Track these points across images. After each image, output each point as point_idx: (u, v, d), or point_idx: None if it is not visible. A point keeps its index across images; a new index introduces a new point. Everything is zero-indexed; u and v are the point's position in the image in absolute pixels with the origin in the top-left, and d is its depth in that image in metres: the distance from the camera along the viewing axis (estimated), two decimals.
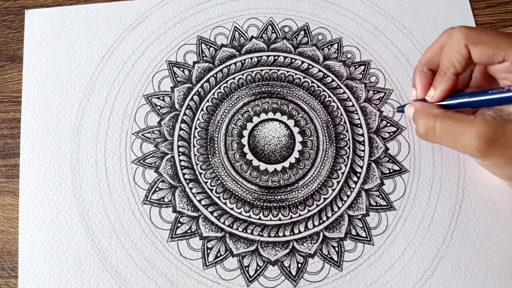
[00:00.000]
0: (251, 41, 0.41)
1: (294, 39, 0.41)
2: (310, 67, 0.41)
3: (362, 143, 0.38)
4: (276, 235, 0.36)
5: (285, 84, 0.40)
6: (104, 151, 0.38)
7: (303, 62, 0.41)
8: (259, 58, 0.41)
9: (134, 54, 0.41)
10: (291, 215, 0.37)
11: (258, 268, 0.35)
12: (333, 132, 0.39)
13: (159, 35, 0.41)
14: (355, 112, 0.39)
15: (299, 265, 0.35)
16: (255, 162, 0.38)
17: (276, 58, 0.41)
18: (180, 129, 0.39)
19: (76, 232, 0.36)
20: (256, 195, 0.37)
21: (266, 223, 0.36)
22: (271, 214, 0.37)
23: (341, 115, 0.39)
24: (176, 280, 0.35)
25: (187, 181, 0.37)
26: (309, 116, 0.39)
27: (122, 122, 0.39)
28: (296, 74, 0.40)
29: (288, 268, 0.35)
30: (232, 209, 0.37)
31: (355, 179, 0.38)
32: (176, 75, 0.40)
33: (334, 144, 0.39)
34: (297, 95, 0.40)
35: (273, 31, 0.42)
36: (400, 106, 0.38)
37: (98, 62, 0.40)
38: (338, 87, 0.40)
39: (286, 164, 0.38)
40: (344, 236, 0.36)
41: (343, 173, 0.38)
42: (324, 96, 0.40)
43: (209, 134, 0.39)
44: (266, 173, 0.38)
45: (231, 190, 0.37)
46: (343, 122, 0.39)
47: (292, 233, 0.36)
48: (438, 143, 0.32)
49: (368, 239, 0.36)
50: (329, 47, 0.41)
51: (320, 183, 0.37)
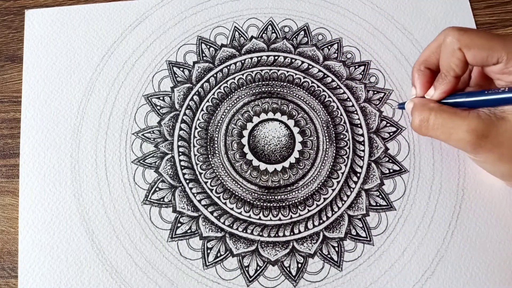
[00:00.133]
0: (251, 41, 0.41)
1: (294, 39, 0.41)
2: (310, 67, 0.41)
3: (362, 143, 0.39)
4: (276, 235, 0.36)
5: (285, 84, 0.40)
6: (104, 151, 0.38)
7: (303, 62, 0.41)
8: (259, 58, 0.41)
9: (134, 54, 0.41)
10: (291, 215, 0.37)
11: (258, 268, 0.35)
12: (333, 132, 0.39)
13: (159, 35, 0.41)
14: (355, 112, 0.39)
15: (299, 265, 0.35)
16: (255, 162, 0.38)
17: (276, 58, 0.41)
18: (180, 129, 0.39)
19: (76, 232, 0.36)
20: (256, 195, 0.37)
21: (266, 223, 0.36)
22: (271, 214, 0.37)
23: (341, 115, 0.39)
24: (176, 280, 0.35)
25: (187, 181, 0.37)
26: (309, 116, 0.39)
27: (122, 122, 0.39)
28: (296, 74, 0.40)
29: (288, 268, 0.35)
30: (232, 209, 0.37)
31: (355, 179, 0.38)
32: (176, 75, 0.40)
33: (334, 144, 0.39)
34: (297, 95, 0.40)
35: (273, 31, 0.42)
36: (400, 103, 0.38)
37: (98, 62, 0.40)
38: (338, 87, 0.40)
39: (286, 164, 0.38)
40: (344, 236, 0.36)
41: (343, 173, 0.38)
42: (324, 96, 0.40)
43: (209, 134, 0.39)
44: (266, 173, 0.38)
45: (231, 190, 0.37)
46: (343, 122, 0.39)
47: (292, 233, 0.36)
48: (432, 136, 0.32)
49: (368, 239, 0.36)
50: (329, 47, 0.41)
51: (320, 183, 0.37)
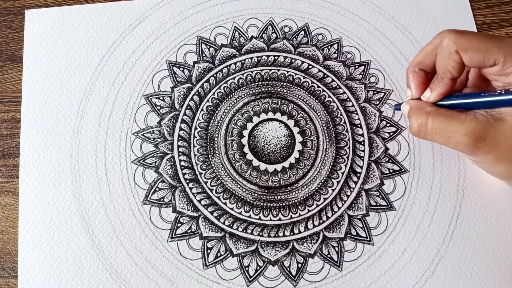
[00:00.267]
0: (251, 41, 0.41)
1: (294, 39, 0.42)
2: (310, 67, 0.41)
3: (362, 143, 0.39)
4: (276, 235, 0.36)
5: (285, 84, 0.40)
6: (104, 151, 0.38)
7: (303, 62, 0.41)
8: (259, 58, 0.41)
9: (134, 54, 0.41)
10: (291, 215, 0.37)
11: (258, 268, 0.35)
12: (333, 132, 0.39)
13: (159, 35, 0.41)
14: (355, 112, 0.39)
15: (299, 265, 0.35)
16: (255, 162, 0.38)
17: (276, 58, 0.41)
18: (180, 129, 0.39)
19: (76, 232, 0.36)
20: (256, 195, 0.37)
21: (266, 223, 0.36)
22: (271, 214, 0.37)
23: (341, 115, 0.39)
24: (176, 280, 0.35)
25: (187, 181, 0.37)
26: (309, 116, 0.39)
27: (122, 122, 0.39)
28: (296, 74, 0.40)
29: (288, 268, 0.35)
30: (232, 209, 0.37)
31: (355, 179, 0.38)
32: (176, 75, 0.40)
33: (334, 144, 0.39)
34: (297, 95, 0.40)
35: (273, 31, 0.42)
36: (397, 104, 0.38)
37: (98, 62, 0.40)
38: (338, 87, 0.40)
39: (286, 164, 0.38)
40: (344, 236, 0.36)
41: (343, 173, 0.38)
42: (324, 96, 0.40)
43: (209, 134, 0.39)
44: (266, 173, 0.38)
45: (231, 190, 0.37)
46: (343, 122, 0.39)
47: (292, 233, 0.36)
48: (431, 140, 0.32)
49: (368, 239, 0.36)
50: (329, 47, 0.41)
51: (320, 183, 0.37)
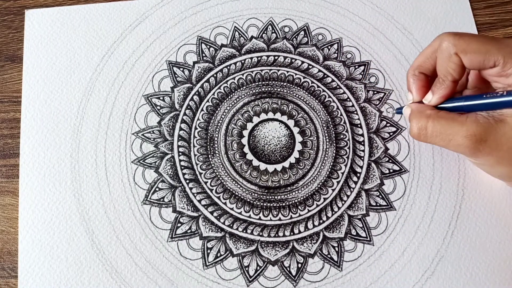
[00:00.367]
0: (251, 41, 0.41)
1: (294, 39, 0.42)
2: (310, 67, 0.41)
3: (362, 143, 0.39)
4: (276, 235, 0.36)
5: (285, 84, 0.40)
6: (104, 151, 0.38)
7: (303, 62, 0.41)
8: (259, 58, 0.41)
9: (134, 54, 0.41)
10: (291, 215, 0.37)
11: (258, 268, 0.35)
12: (333, 132, 0.39)
13: (159, 35, 0.41)
14: (355, 112, 0.39)
15: (299, 265, 0.35)
16: (255, 162, 0.38)
17: (276, 58, 0.41)
18: (180, 129, 0.39)
19: (76, 232, 0.36)
20: (256, 195, 0.37)
21: (266, 223, 0.36)
22: (271, 214, 0.37)
23: (341, 115, 0.39)
24: (176, 280, 0.35)
25: (187, 181, 0.37)
26: (309, 116, 0.39)
27: (122, 122, 0.39)
28: (296, 74, 0.40)
29: (288, 268, 0.35)
30: (232, 209, 0.37)
31: (355, 179, 0.38)
32: (176, 75, 0.40)
33: (334, 144, 0.39)
34: (297, 95, 0.40)
35: (273, 31, 0.42)
36: (398, 108, 0.38)
37: (98, 62, 0.40)
38: (338, 87, 0.40)
39: (286, 164, 0.38)
40: (344, 236, 0.36)
41: (343, 173, 0.38)
42: (324, 96, 0.40)
43: (209, 134, 0.39)
44: (266, 173, 0.38)
45: (231, 190, 0.37)
46: (343, 122, 0.39)
47: (292, 233, 0.36)
48: (431, 143, 0.32)
49: (368, 239, 0.36)
50: (329, 47, 0.41)
51: (320, 183, 0.37)
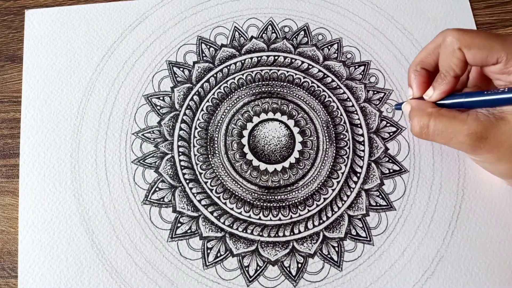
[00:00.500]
0: (251, 41, 0.41)
1: (294, 39, 0.42)
2: (310, 67, 0.41)
3: (362, 143, 0.39)
4: (276, 235, 0.36)
5: (285, 84, 0.40)
6: (104, 151, 0.38)
7: (303, 62, 0.41)
8: (259, 58, 0.41)
9: (134, 54, 0.41)
10: (291, 215, 0.37)
11: (258, 268, 0.35)
12: (333, 132, 0.39)
13: (159, 35, 0.41)
14: (355, 112, 0.39)
15: (299, 265, 0.35)
16: (255, 162, 0.38)
17: (276, 58, 0.41)
18: (180, 129, 0.39)
19: (76, 232, 0.36)
20: (256, 195, 0.37)
21: (266, 223, 0.36)
22: (271, 214, 0.37)
23: (341, 115, 0.39)
24: (176, 280, 0.35)
25: (187, 181, 0.37)
26: (309, 116, 0.39)
27: (122, 122, 0.39)
28: (296, 74, 0.40)
29: (288, 268, 0.35)
30: (232, 209, 0.37)
31: (355, 179, 0.38)
32: (176, 75, 0.40)
33: (334, 144, 0.39)
34: (297, 95, 0.40)
35: (273, 31, 0.42)
36: (397, 104, 0.38)
37: (98, 62, 0.40)
38: (338, 87, 0.40)
39: (286, 164, 0.38)
40: (344, 236, 0.36)
41: (343, 173, 0.38)
42: (324, 96, 0.40)
43: (209, 134, 0.39)
44: (266, 173, 0.38)
45: (231, 190, 0.37)
46: (343, 122, 0.39)
47: (292, 233, 0.36)
48: (433, 140, 0.32)
49: (368, 239, 0.36)
50: (329, 47, 0.41)
51: (320, 183, 0.37)
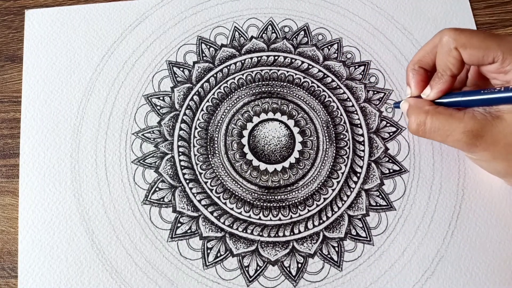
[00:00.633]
0: (251, 41, 0.41)
1: (294, 39, 0.42)
2: (310, 67, 0.41)
3: (362, 143, 0.39)
4: (276, 235, 0.36)
5: (285, 84, 0.40)
6: (104, 151, 0.38)
7: (303, 62, 0.41)
8: (259, 58, 0.41)
9: (134, 54, 0.41)
10: (291, 215, 0.37)
11: (258, 268, 0.35)
12: (333, 132, 0.39)
13: (159, 35, 0.41)
14: (355, 112, 0.39)
15: (299, 265, 0.35)
16: (255, 162, 0.38)
17: (276, 58, 0.41)
18: (180, 129, 0.39)
19: (76, 232, 0.36)
20: (256, 195, 0.37)
21: (266, 223, 0.36)
22: (271, 214, 0.37)
23: (341, 115, 0.39)
24: (176, 280, 0.35)
25: (187, 181, 0.37)
26: (309, 116, 0.39)
27: (122, 122, 0.39)
28: (296, 74, 0.40)
29: (288, 268, 0.35)
30: (232, 209, 0.37)
31: (355, 179, 0.38)
32: (176, 75, 0.40)
33: (334, 144, 0.39)
34: (297, 95, 0.40)
35: (273, 31, 0.42)
36: (396, 102, 0.38)
37: (98, 62, 0.40)
38: (338, 87, 0.40)
39: (286, 164, 0.38)
40: (344, 236, 0.36)
41: (343, 173, 0.38)
42: (324, 96, 0.40)
43: (209, 134, 0.39)
44: (266, 173, 0.38)
45: (231, 190, 0.37)
46: (343, 122, 0.39)
47: (292, 233, 0.36)
48: (429, 138, 0.32)
49: (368, 239, 0.36)
50: (329, 47, 0.41)
51: (320, 183, 0.37)
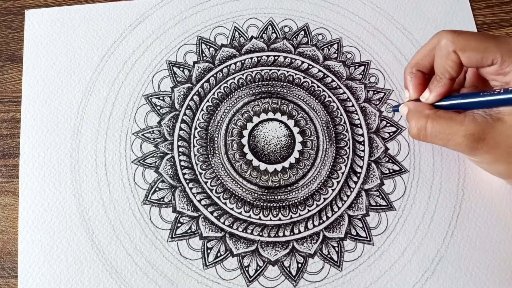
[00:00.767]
0: (251, 41, 0.41)
1: (294, 39, 0.42)
2: (310, 67, 0.41)
3: (362, 143, 0.39)
4: (276, 235, 0.36)
5: (285, 84, 0.40)
6: (104, 151, 0.38)
7: (303, 62, 0.41)
8: (259, 58, 0.41)
9: (134, 54, 0.41)
10: (291, 215, 0.37)
11: (258, 268, 0.35)
12: (333, 132, 0.39)
13: (159, 35, 0.41)
14: (355, 112, 0.39)
15: (299, 265, 0.35)
16: (255, 162, 0.38)
17: (276, 58, 0.41)
18: (180, 129, 0.39)
19: (76, 232, 0.36)
20: (256, 195, 0.37)
21: (266, 223, 0.36)
22: (271, 214, 0.37)
23: (341, 115, 0.39)
24: (176, 280, 0.35)
25: (187, 181, 0.37)
26: (309, 116, 0.39)
27: (122, 122, 0.39)
28: (296, 74, 0.40)
29: (288, 268, 0.35)
30: (232, 209, 0.37)
31: (355, 179, 0.38)
32: (176, 75, 0.40)
33: (334, 144, 0.39)
34: (297, 95, 0.40)
35: (273, 31, 0.42)
36: (395, 106, 0.38)
37: (98, 62, 0.40)
38: (338, 87, 0.40)
39: (286, 164, 0.38)
40: (344, 236, 0.36)
41: (343, 173, 0.38)
42: (324, 96, 0.40)
43: (209, 134, 0.39)
44: (266, 173, 0.38)
45: (231, 190, 0.37)
46: (343, 122, 0.39)
47: (292, 233, 0.36)
48: (430, 142, 0.32)
49: (368, 239, 0.36)
50: (329, 47, 0.41)
51: (320, 183, 0.37)
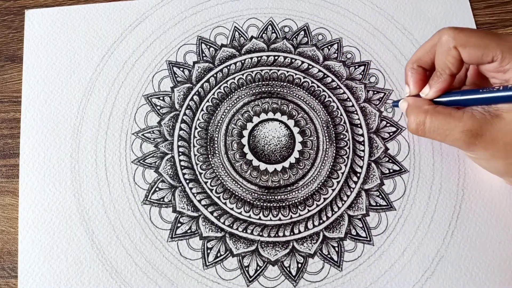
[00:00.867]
0: (251, 41, 0.41)
1: (294, 39, 0.42)
2: (310, 67, 0.41)
3: (362, 143, 0.39)
4: (276, 235, 0.36)
5: (285, 84, 0.40)
6: (104, 151, 0.38)
7: (303, 62, 0.41)
8: (259, 58, 0.41)
9: (134, 54, 0.41)
10: (291, 215, 0.37)
11: (258, 268, 0.35)
12: (333, 132, 0.39)
13: (159, 35, 0.41)
14: (355, 112, 0.39)
15: (299, 265, 0.35)
16: (255, 162, 0.38)
17: (276, 58, 0.41)
18: (180, 129, 0.39)
19: (76, 232, 0.36)
20: (256, 195, 0.37)
21: (266, 223, 0.36)
22: (271, 214, 0.37)
23: (341, 115, 0.39)
24: (176, 280, 0.35)
25: (187, 181, 0.37)
26: (309, 116, 0.39)
27: (122, 122, 0.39)
28: (296, 74, 0.40)
29: (288, 268, 0.35)
30: (232, 209, 0.37)
31: (355, 179, 0.38)
32: (176, 75, 0.40)
33: (334, 144, 0.39)
34: (297, 95, 0.40)
35: (273, 31, 0.42)
36: (395, 101, 0.38)
37: (98, 62, 0.40)
38: (338, 87, 0.40)
39: (286, 164, 0.38)
40: (344, 236, 0.36)
41: (343, 173, 0.38)
42: (324, 96, 0.40)
43: (209, 134, 0.39)
44: (266, 173, 0.38)
45: (231, 190, 0.37)
46: (343, 122, 0.39)
47: (292, 233, 0.36)
48: (429, 137, 0.32)
49: (368, 239, 0.36)
50: (329, 47, 0.41)
51: (320, 183, 0.37)
